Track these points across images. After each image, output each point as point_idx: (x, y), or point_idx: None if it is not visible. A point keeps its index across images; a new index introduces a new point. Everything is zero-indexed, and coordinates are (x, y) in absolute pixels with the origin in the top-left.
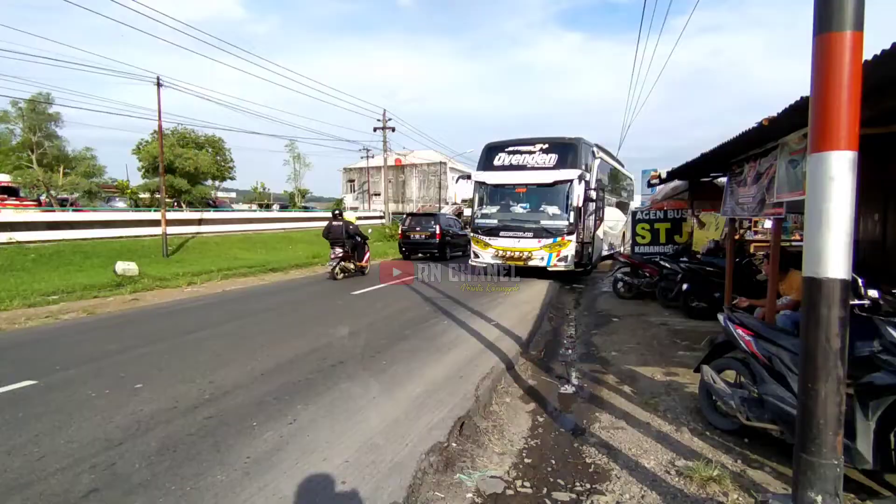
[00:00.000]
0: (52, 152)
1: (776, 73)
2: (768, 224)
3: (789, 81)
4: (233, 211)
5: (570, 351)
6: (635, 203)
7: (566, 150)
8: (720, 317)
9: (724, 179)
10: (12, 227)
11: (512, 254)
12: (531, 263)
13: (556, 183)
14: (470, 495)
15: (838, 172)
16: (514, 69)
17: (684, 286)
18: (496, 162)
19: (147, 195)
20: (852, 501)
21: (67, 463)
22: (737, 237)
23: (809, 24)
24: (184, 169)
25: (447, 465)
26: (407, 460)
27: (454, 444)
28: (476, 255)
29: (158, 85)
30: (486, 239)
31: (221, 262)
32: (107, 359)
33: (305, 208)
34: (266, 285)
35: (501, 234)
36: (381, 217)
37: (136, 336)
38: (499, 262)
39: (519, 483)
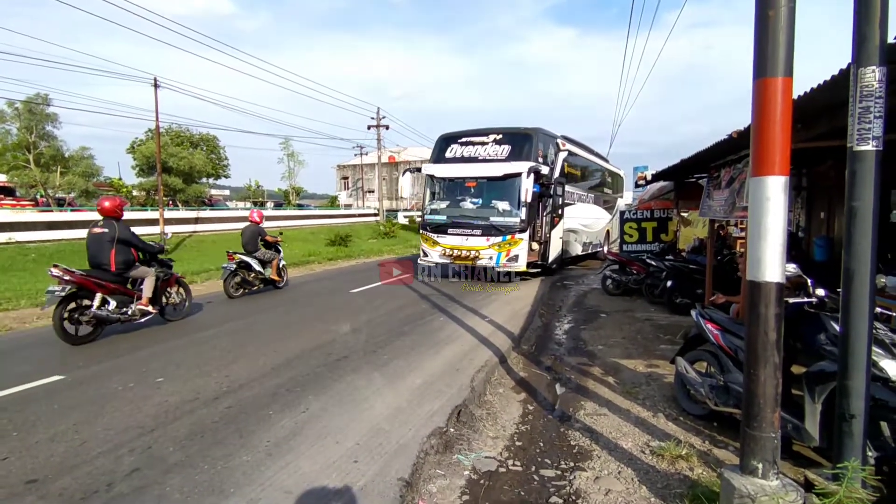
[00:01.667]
0: (48, 152)
1: None
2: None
3: None
4: (228, 209)
5: (559, 345)
6: (625, 200)
7: (521, 142)
8: (693, 312)
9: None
10: (12, 228)
11: (459, 252)
12: (479, 263)
13: (506, 176)
14: (467, 473)
15: (773, 193)
16: (507, 65)
17: (669, 283)
18: (448, 154)
19: (142, 194)
20: (801, 473)
21: (108, 447)
22: (723, 234)
23: (805, 20)
24: (179, 168)
25: (446, 447)
26: (411, 443)
27: (452, 430)
28: (425, 254)
29: (156, 86)
30: (435, 236)
31: (219, 260)
32: (125, 356)
33: (300, 206)
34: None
35: (450, 231)
36: (375, 214)
37: (147, 334)
38: (447, 261)
39: (510, 462)
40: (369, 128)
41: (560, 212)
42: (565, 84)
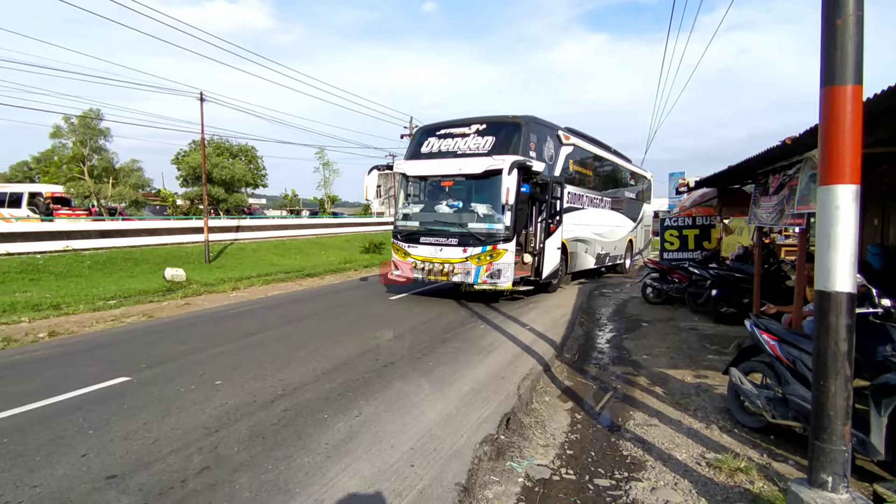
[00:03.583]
0: (101, 164)
1: (805, 71)
2: (797, 228)
3: (817, 78)
4: (267, 218)
5: (602, 354)
6: (660, 206)
7: (507, 133)
8: (747, 323)
9: (752, 187)
10: (69, 236)
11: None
12: (455, 279)
13: (487, 174)
14: (521, 480)
15: (843, 202)
16: (537, 71)
17: (713, 292)
18: (424, 148)
19: (186, 203)
20: (865, 488)
21: (178, 446)
22: (767, 241)
23: None
24: (220, 178)
25: (498, 454)
26: (464, 449)
27: (503, 437)
28: (395, 267)
29: (202, 100)
30: (406, 246)
31: (259, 267)
32: (182, 359)
33: (335, 214)
34: (305, 291)
35: (422, 240)
36: None
37: (201, 339)
38: (419, 275)
39: (563, 471)
40: (402, 137)
41: (558, 217)
42: (597, 90)
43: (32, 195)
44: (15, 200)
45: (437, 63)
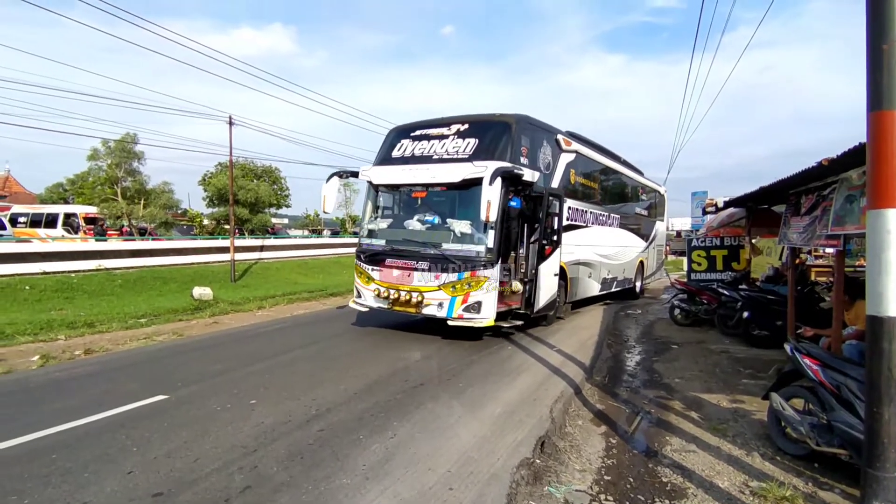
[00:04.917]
0: (134, 186)
1: (830, 87)
2: (830, 249)
3: (844, 95)
4: (290, 237)
5: (633, 377)
6: (682, 226)
7: (494, 134)
8: (787, 347)
9: (781, 207)
10: (101, 256)
11: (398, 294)
12: (426, 311)
13: (466, 183)
14: None
15: (894, 226)
16: (555, 92)
17: (745, 314)
18: (395, 152)
19: (212, 223)
20: None
21: (218, 465)
22: (797, 262)
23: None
24: (245, 199)
25: (536, 478)
26: (501, 472)
27: (538, 461)
28: (357, 294)
29: (230, 123)
30: (368, 269)
31: (284, 286)
32: (216, 377)
33: (356, 234)
34: (330, 310)
35: (388, 262)
36: None
37: (232, 357)
38: (383, 305)
39: (603, 497)
40: None
41: (556, 237)
42: (616, 109)
43: (68, 216)
44: (51, 221)
45: (457, 84)
